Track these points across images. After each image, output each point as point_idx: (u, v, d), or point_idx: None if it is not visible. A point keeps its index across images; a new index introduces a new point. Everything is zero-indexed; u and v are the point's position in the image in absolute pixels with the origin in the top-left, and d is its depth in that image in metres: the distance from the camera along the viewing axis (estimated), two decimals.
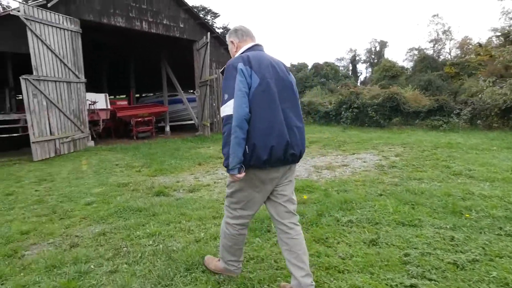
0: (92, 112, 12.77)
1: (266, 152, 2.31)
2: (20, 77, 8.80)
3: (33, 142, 9.01)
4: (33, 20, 9.24)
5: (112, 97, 21.65)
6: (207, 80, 13.46)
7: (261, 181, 2.48)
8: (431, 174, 6.24)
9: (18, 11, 8.87)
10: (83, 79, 11.02)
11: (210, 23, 34.42)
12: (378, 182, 5.83)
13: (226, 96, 2.33)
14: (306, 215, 4.20)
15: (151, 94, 25.30)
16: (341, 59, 76.78)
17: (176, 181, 6.88)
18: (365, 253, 3.23)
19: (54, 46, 9.89)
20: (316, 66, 62.52)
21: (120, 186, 6.47)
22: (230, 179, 2.49)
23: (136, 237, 3.82)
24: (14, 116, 10.11)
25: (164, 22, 13.90)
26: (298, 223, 2.66)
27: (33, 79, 9.07)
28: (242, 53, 2.54)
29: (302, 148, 2.51)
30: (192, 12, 14.85)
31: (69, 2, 10.76)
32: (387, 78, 40.28)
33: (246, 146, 2.31)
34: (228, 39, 2.77)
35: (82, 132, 10.95)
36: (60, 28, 10.16)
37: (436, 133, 13.36)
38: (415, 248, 3.28)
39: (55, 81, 9.89)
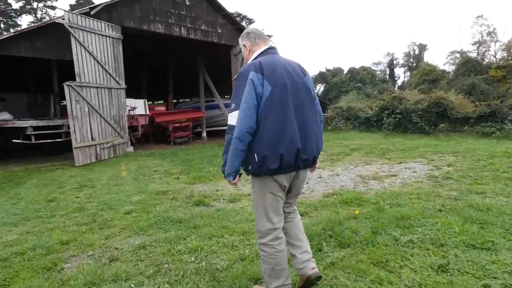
0: (131, 117, 12.91)
1: (276, 161, 2.31)
2: (64, 84, 8.96)
3: (75, 148, 9.13)
4: (76, 28, 9.42)
5: (150, 102, 22.03)
6: None
7: (280, 186, 2.46)
8: (494, 188, 5.65)
9: (63, 19, 9.06)
10: (123, 85, 11.14)
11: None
12: (435, 196, 5.33)
13: (233, 106, 2.36)
14: (359, 233, 3.82)
15: (188, 100, 25.58)
16: (377, 63, 74.89)
17: (216, 189, 6.67)
18: (435, 281, 2.82)
19: (96, 53, 10.04)
20: (352, 71, 61.22)
21: (159, 194, 6.33)
22: (253, 195, 2.56)
23: (177, 252, 3.59)
24: (58, 122, 10.34)
25: (203, 27, 13.90)
26: (295, 208, 2.79)
27: (76, 86, 9.22)
28: (255, 59, 2.53)
29: (317, 152, 2.50)
30: (229, 17, 14.78)
31: (111, 10, 10.93)
32: (427, 82, 38.89)
33: (255, 155, 2.32)
34: (240, 42, 2.73)
35: (122, 137, 11.04)
36: (102, 35, 10.32)
37: (488, 141, 12.45)
38: (494, 278, 2.84)
39: (97, 87, 10.02)
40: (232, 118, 2.33)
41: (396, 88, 57.36)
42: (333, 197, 5.71)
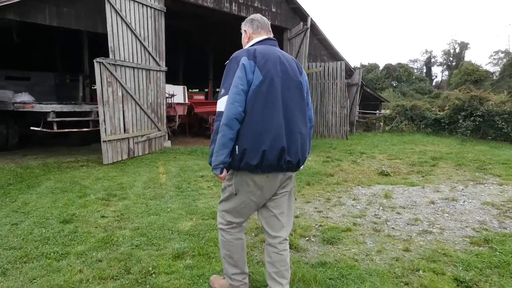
0: (168, 106, 11.09)
1: (257, 156, 2.18)
2: (94, 60, 7.17)
3: (104, 141, 7.36)
4: None
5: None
6: None
7: (258, 187, 2.32)
8: None
9: None
10: (163, 67, 9.29)
11: None
12: None
13: (222, 91, 2.26)
14: None
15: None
16: (414, 61, 72.19)
17: (293, 214, 4.73)
18: None
19: (134, 25, 8.20)
20: (388, 67, 58.28)
21: (216, 218, 4.39)
22: (225, 183, 2.43)
23: None
24: (86, 108, 8.60)
25: (255, 4, 11.88)
26: (287, 238, 2.55)
27: (109, 63, 7.41)
28: (250, 46, 2.43)
29: (302, 156, 2.35)
30: None
31: None
32: (468, 82, 36.43)
33: (237, 147, 2.20)
34: (242, 27, 2.64)
35: (159, 130, 9.22)
36: (143, 5, 8.46)
37: None
38: None
39: (134, 68, 8.20)
40: (221, 104, 2.24)
41: (433, 87, 54.31)
42: (487, 246, 3.76)
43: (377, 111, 18.51)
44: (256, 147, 2.17)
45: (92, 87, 14.06)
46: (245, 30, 2.60)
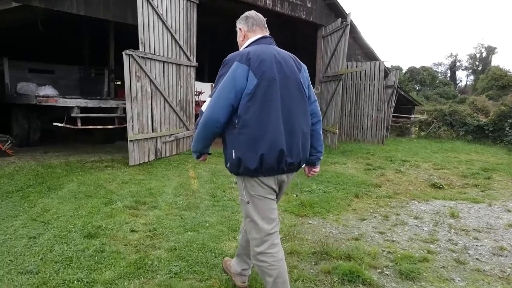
0: (196, 104, 10.49)
1: (254, 160, 2.12)
2: (123, 52, 6.60)
3: (131, 140, 6.78)
4: None
5: None
6: (341, 74, 10.42)
7: (268, 185, 2.23)
8: None
9: None
10: (194, 62, 8.68)
11: None
12: None
13: (214, 93, 2.21)
14: None
15: None
16: (438, 64, 70.55)
17: (352, 235, 4.10)
18: None
19: (166, 16, 7.60)
20: (411, 70, 56.73)
21: None
22: (242, 197, 2.30)
23: None
24: (112, 103, 8.05)
25: None
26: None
27: (139, 56, 6.83)
28: (245, 47, 2.37)
29: (303, 156, 2.30)
30: None
31: None
32: (495, 88, 35.03)
33: (233, 152, 2.17)
34: (237, 25, 2.54)
35: (188, 129, 8.62)
36: None
37: None
38: None
39: (164, 62, 7.61)
40: (205, 104, 2.23)
41: (457, 92, 52.75)
42: None
43: (412, 115, 17.55)
44: (253, 152, 2.11)
45: (116, 83, 13.62)
46: (240, 28, 2.52)
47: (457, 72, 68.11)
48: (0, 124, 9.70)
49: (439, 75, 63.99)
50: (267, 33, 2.47)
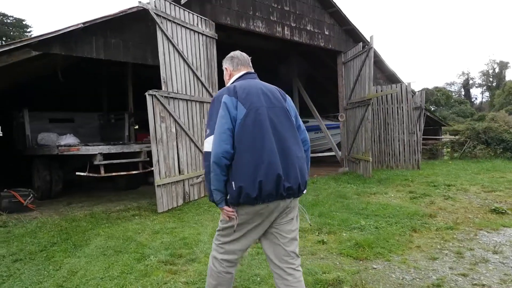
0: None
1: (254, 189, 2.17)
2: (146, 93, 6.30)
3: (158, 185, 6.31)
4: (164, 18, 6.82)
5: None
6: (369, 99, 9.94)
7: (258, 214, 2.28)
8: None
9: (148, 4, 6.48)
10: None
11: None
12: None
13: (208, 131, 2.31)
14: None
15: None
16: (451, 84, 69.96)
17: (431, 281, 3.62)
18: None
19: (186, 53, 7.36)
20: (425, 92, 56.21)
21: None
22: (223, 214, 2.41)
23: None
24: (135, 148, 7.69)
25: (308, 28, 10.94)
26: (299, 268, 2.43)
27: (162, 96, 6.51)
28: (231, 84, 2.50)
29: (302, 180, 2.32)
30: (339, 16, 11.71)
31: (203, 1, 8.32)
32: None
33: (233, 183, 2.20)
34: (223, 65, 2.71)
35: None
36: (195, 31, 7.66)
37: None
38: None
39: (187, 100, 7.29)
40: (207, 145, 2.28)
41: (474, 110, 51.83)
42: None
43: (441, 136, 16.81)
44: (252, 180, 2.16)
45: (134, 127, 13.44)
46: (226, 68, 2.68)
47: (471, 90, 67.34)
48: (21, 177, 9.45)
49: (453, 94, 63.29)
50: (251, 70, 2.64)
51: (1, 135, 15.81)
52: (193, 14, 7.73)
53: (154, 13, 6.54)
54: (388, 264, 3.93)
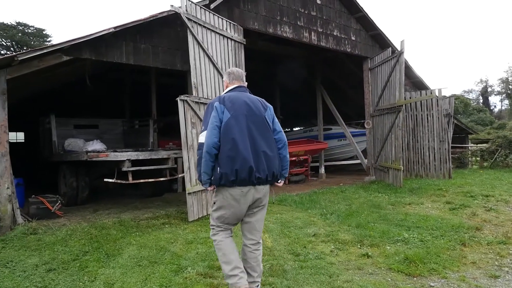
0: None
1: (232, 174, 2.90)
2: (178, 98, 6.15)
3: (189, 193, 6.12)
4: (195, 22, 6.69)
5: None
6: (400, 106, 9.62)
7: (235, 199, 2.99)
8: None
9: (179, 8, 6.36)
10: None
11: None
12: None
13: (202, 128, 3.06)
14: None
15: (289, 129, 22.53)
16: (469, 91, 68.38)
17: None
18: None
19: (216, 58, 7.22)
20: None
21: None
22: (213, 199, 3.14)
23: None
24: (163, 154, 7.54)
25: (335, 33, 10.71)
26: (260, 242, 3.28)
27: (193, 102, 6.35)
28: (225, 93, 3.25)
29: (269, 172, 3.02)
30: (366, 21, 11.45)
31: (232, 6, 8.20)
32: None
33: (218, 169, 2.94)
34: (223, 78, 3.52)
35: None
36: (224, 36, 7.52)
37: None
38: None
39: None
40: (201, 138, 3.01)
41: (494, 118, 50.54)
42: None
43: (468, 145, 16.29)
44: (231, 168, 2.90)
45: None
46: (224, 80, 3.44)
47: (489, 98, 65.81)
48: (46, 184, 9.42)
49: (471, 102, 62.01)
50: (243, 84, 3.34)
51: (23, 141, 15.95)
52: (222, 18, 7.60)
53: (186, 17, 6.43)
54: (446, 282, 3.64)
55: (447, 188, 9.13)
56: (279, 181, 3.22)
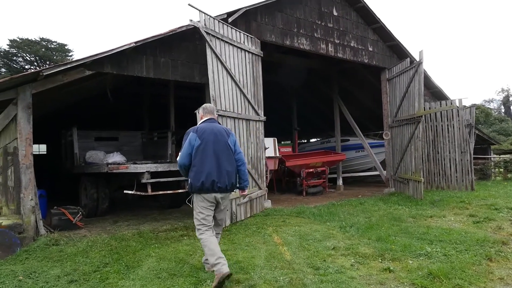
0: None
1: (199, 184, 4.05)
2: (196, 111, 6.21)
3: None
4: (213, 36, 6.80)
5: None
6: (419, 117, 9.49)
7: (206, 201, 4.14)
8: None
9: (198, 22, 6.48)
10: (262, 116, 8.20)
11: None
12: None
13: (181, 149, 4.18)
14: None
15: (305, 141, 22.45)
16: (489, 101, 66.83)
17: None
18: None
19: (234, 71, 7.30)
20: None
21: None
22: (194, 206, 4.28)
23: None
24: None
25: (352, 44, 10.70)
26: (220, 232, 4.60)
27: None
28: (199, 123, 4.39)
29: (228, 183, 4.17)
30: (383, 31, 11.41)
31: (250, 19, 8.31)
32: None
33: (189, 180, 4.15)
34: (198, 111, 5.23)
35: (260, 188, 7.95)
36: (241, 49, 7.61)
37: None
38: None
39: (234, 118, 7.19)
40: (179, 157, 4.21)
41: None
42: None
43: (491, 155, 15.90)
44: (198, 180, 4.05)
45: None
46: (199, 112, 4.62)
47: (511, 107, 64.18)
48: (67, 195, 9.59)
49: (492, 111, 60.58)
50: (213, 116, 4.44)
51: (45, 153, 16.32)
52: (239, 32, 7.70)
53: (204, 31, 6.54)
54: None
55: (470, 201, 8.90)
56: (242, 190, 4.53)
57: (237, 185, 4.38)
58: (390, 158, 11.57)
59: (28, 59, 29.81)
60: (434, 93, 13.52)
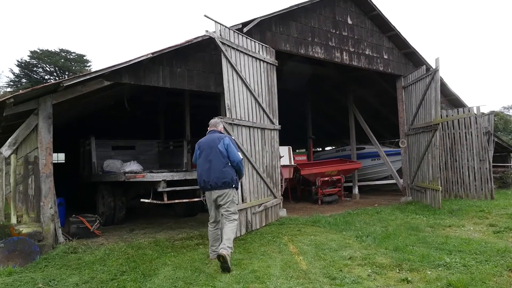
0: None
1: (200, 184, 5.24)
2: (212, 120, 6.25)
3: None
4: (228, 46, 6.88)
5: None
6: (436, 124, 9.36)
7: (208, 198, 5.26)
8: None
9: (214, 32, 6.56)
10: (277, 125, 8.22)
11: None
12: None
13: (194, 156, 5.47)
14: None
15: (320, 149, 22.35)
16: (508, 108, 65.31)
17: None
18: None
19: (249, 80, 7.36)
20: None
21: None
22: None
23: None
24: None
25: (367, 52, 10.67)
26: (226, 222, 5.14)
27: (227, 123, 6.47)
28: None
29: (218, 181, 5.05)
30: (398, 39, 11.34)
31: (264, 29, 8.37)
32: None
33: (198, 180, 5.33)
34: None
35: (275, 197, 7.93)
36: (256, 58, 7.68)
37: None
38: None
39: (249, 127, 7.22)
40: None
41: None
42: None
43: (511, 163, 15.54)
44: (199, 181, 5.24)
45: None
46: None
47: None
48: (84, 203, 9.76)
49: None
50: (216, 128, 5.46)
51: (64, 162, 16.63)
52: (254, 41, 7.77)
53: (220, 41, 6.62)
54: None
55: (489, 210, 8.70)
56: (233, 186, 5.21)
57: (233, 184, 5.16)
58: (407, 166, 11.42)
59: (48, 69, 30.60)
60: (451, 100, 13.33)
